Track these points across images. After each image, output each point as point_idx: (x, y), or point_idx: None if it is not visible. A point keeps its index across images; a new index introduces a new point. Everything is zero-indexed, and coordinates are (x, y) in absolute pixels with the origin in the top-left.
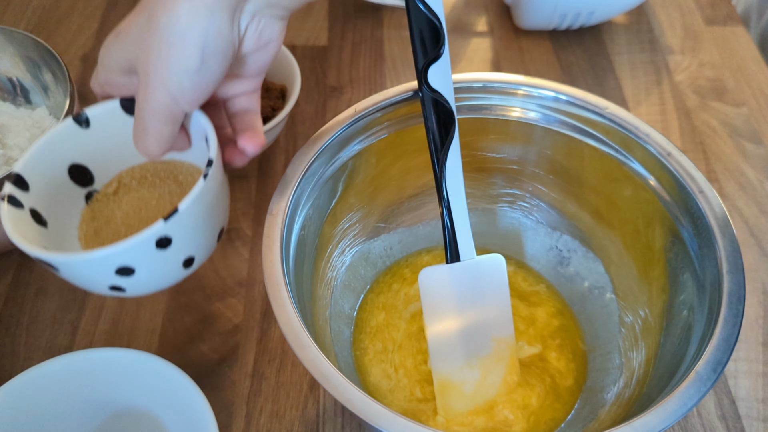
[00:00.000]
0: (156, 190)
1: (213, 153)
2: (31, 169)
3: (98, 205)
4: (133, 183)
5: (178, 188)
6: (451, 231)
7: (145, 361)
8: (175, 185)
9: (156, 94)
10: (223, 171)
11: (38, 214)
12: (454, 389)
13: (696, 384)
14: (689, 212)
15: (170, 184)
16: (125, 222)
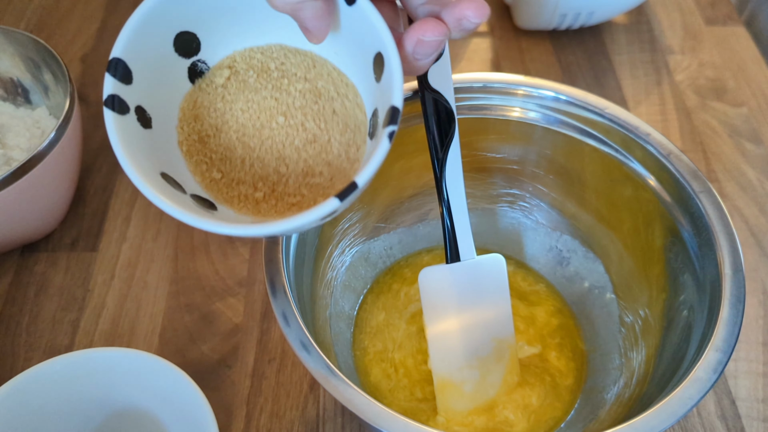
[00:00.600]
0: (283, 96)
1: (398, 95)
2: (135, 50)
3: (203, 98)
4: (250, 75)
5: (315, 103)
6: (451, 231)
7: (145, 361)
8: (312, 96)
9: None
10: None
11: (143, 111)
12: (454, 389)
13: (696, 384)
14: (689, 212)
15: (304, 90)
16: (241, 139)
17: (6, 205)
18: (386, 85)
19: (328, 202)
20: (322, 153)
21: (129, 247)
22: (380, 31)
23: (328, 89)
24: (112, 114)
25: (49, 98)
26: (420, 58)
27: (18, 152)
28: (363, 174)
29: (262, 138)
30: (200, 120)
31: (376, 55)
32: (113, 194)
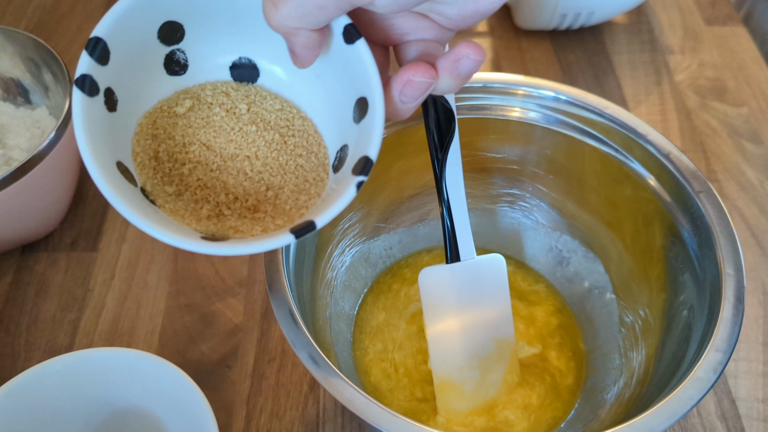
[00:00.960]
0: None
1: (375, 148)
2: (118, 32)
3: (162, 121)
4: (216, 111)
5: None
6: (451, 231)
7: (145, 361)
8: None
9: None
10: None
11: (112, 93)
12: (454, 389)
13: (696, 384)
14: (689, 212)
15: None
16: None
17: (6, 205)
18: (365, 131)
19: (283, 237)
20: (272, 195)
21: (129, 247)
22: (371, 77)
23: (294, 140)
24: (81, 95)
25: (49, 98)
26: (406, 101)
27: (18, 152)
28: (322, 217)
29: (216, 166)
30: (157, 140)
31: (360, 98)
32: None
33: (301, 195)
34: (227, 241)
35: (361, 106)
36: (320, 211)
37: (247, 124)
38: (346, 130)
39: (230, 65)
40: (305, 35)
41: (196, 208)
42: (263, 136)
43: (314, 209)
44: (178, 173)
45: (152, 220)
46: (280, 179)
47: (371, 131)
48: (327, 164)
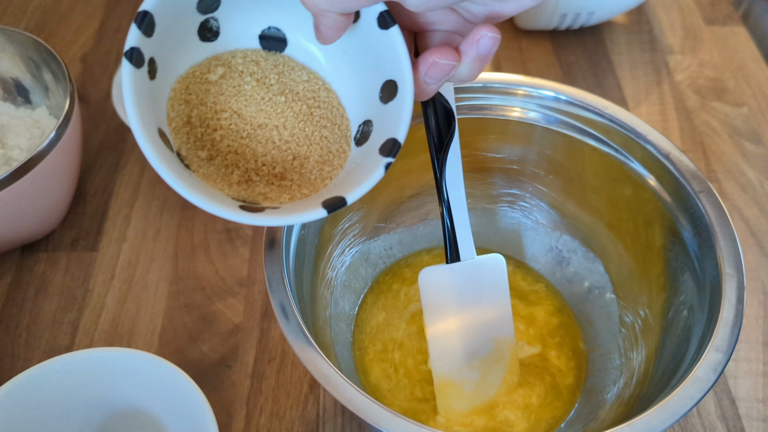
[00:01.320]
0: (274, 110)
1: (403, 131)
2: (164, 4)
3: (194, 87)
4: (247, 80)
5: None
6: (451, 231)
7: (145, 361)
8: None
9: None
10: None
11: (153, 62)
12: (454, 389)
13: (696, 384)
14: (689, 212)
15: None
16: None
17: (6, 205)
18: (394, 114)
19: (317, 211)
20: (298, 164)
21: (129, 247)
22: (403, 63)
23: (320, 111)
24: (130, 67)
25: (49, 98)
26: (430, 82)
27: (18, 152)
28: (353, 194)
29: (246, 134)
30: (189, 105)
31: (389, 80)
32: (113, 194)
33: (325, 166)
34: (263, 212)
35: (389, 88)
36: (348, 187)
37: (277, 95)
38: (371, 107)
39: (260, 34)
40: (333, 17)
41: (227, 173)
42: (291, 107)
43: (338, 182)
44: (210, 139)
45: (192, 188)
46: (306, 149)
47: (400, 114)
48: (349, 137)
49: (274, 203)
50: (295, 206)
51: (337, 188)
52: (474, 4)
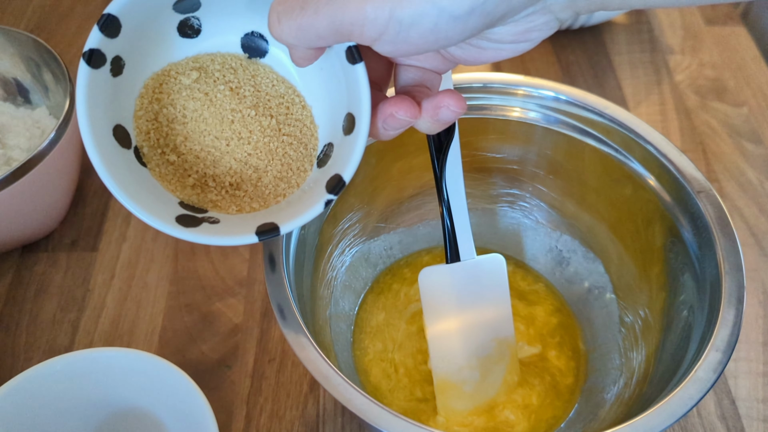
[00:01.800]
0: (245, 121)
1: (350, 171)
2: (133, 8)
3: (168, 86)
4: (220, 89)
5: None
6: (451, 231)
7: (145, 361)
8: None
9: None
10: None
11: (119, 60)
12: (454, 389)
13: (696, 384)
14: (689, 212)
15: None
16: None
17: (6, 205)
18: (346, 149)
19: (247, 237)
20: (255, 177)
21: (129, 247)
22: (363, 104)
23: (290, 129)
24: (86, 68)
25: (49, 98)
26: (387, 129)
27: (18, 152)
28: (287, 225)
29: (210, 141)
30: (159, 104)
31: (351, 113)
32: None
33: (282, 182)
34: (198, 226)
35: (350, 121)
36: (287, 216)
37: (248, 107)
38: (334, 131)
39: (242, 36)
40: (302, 50)
41: (183, 176)
42: (260, 121)
43: (291, 200)
44: (173, 140)
45: (133, 191)
46: (266, 164)
47: (351, 154)
48: (314, 156)
49: (221, 212)
50: (232, 224)
51: (281, 210)
52: (456, 49)
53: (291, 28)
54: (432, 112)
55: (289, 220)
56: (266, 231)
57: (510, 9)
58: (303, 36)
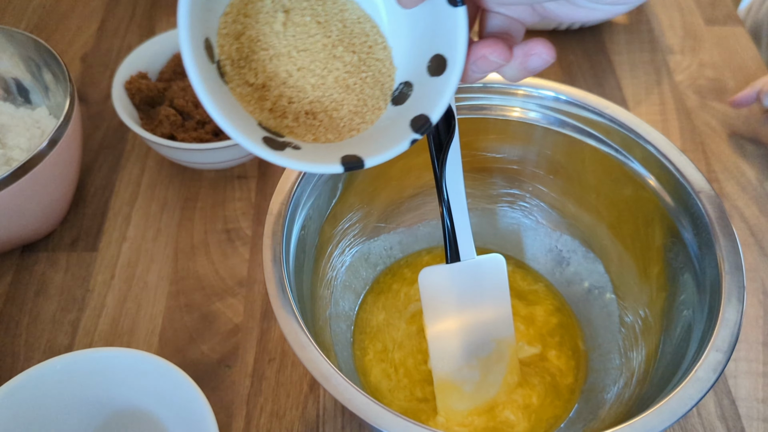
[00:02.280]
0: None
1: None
2: None
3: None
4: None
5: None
6: (451, 231)
7: (145, 361)
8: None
9: None
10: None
11: None
12: (454, 389)
13: (696, 384)
14: (689, 212)
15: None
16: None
17: (6, 205)
18: (435, 91)
19: (333, 166)
20: (331, 108)
21: (129, 247)
22: (460, 47)
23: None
24: None
25: (49, 98)
26: (476, 71)
27: (18, 152)
28: (372, 159)
29: (290, 67)
30: (243, 25)
31: (441, 55)
32: (113, 194)
33: (356, 117)
34: (283, 150)
35: (438, 63)
36: (370, 149)
37: (333, 42)
38: (416, 71)
39: None
40: None
41: (262, 98)
42: (343, 57)
43: (364, 136)
44: (255, 60)
45: (222, 107)
46: (343, 97)
47: (441, 95)
48: (388, 96)
49: (298, 139)
50: (315, 152)
51: (360, 144)
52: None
53: None
54: (522, 59)
55: (373, 155)
56: (351, 162)
57: None
58: None
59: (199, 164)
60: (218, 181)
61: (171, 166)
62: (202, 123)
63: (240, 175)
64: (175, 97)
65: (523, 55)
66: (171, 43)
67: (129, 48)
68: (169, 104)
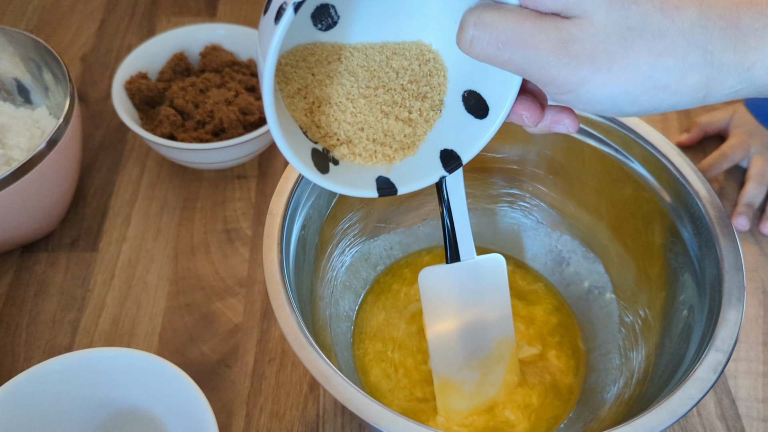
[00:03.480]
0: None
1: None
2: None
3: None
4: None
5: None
6: (451, 231)
7: (145, 361)
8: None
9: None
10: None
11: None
12: (454, 389)
13: (696, 384)
14: (689, 212)
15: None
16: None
17: (6, 205)
18: (468, 128)
19: (369, 191)
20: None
21: (129, 247)
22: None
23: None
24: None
25: (49, 98)
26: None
27: (18, 152)
28: (404, 188)
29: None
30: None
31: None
32: (113, 194)
33: (395, 145)
34: (327, 173)
35: (478, 103)
36: (403, 180)
37: (394, 86)
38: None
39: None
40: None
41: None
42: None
43: (398, 167)
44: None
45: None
46: (387, 128)
47: (476, 141)
48: (428, 130)
49: (341, 156)
50: (354, 174)
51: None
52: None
53: (479, 55)
54: (549, 123)
55: (405, 184)
56: (386, 189)
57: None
58: (488, 61)
59: (199, 164)
60: (218, 181)
61: (171, 166)
62: (202, 123)
63: (240, 175)
64: (175, 97)
65: (551, 121)
66: (171, 43)
67: (129, 48)
68: (169, 104)
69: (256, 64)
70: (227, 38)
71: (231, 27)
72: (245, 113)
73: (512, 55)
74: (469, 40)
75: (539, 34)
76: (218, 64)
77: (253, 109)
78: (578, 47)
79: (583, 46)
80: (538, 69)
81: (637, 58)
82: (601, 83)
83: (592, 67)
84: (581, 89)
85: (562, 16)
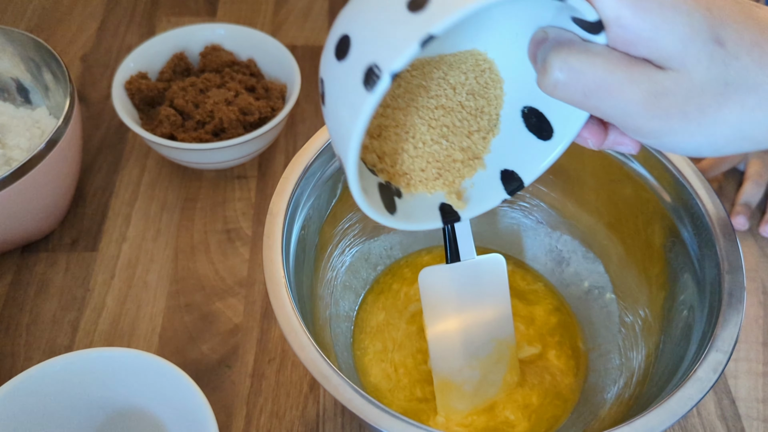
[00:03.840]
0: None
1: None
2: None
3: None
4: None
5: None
6: (451, 231)
7: (145, 361)
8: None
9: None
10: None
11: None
12: (455, 389)
13: (696, 384)
14: (689, 212)
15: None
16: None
17: (6, 205)
18: (529, 148)
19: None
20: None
21: (129, 247)
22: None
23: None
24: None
25: (49, 98)
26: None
27: (18, 152)
28: (468, 213)
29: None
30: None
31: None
32: (113, 194)
33: (458, 177)
34: (393, 214)
35: (541, 124)
36: (467, 208)
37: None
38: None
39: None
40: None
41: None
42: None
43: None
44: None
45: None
46: (446, 154)
47: (538, 162)
48: (486, 147)
49: (405, 186)
50: (418, 205)
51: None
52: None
53: (563, 98)
54: (611, 143)
55: (469, 210)
56: (449, 218)
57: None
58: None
59: (199, 164)
60: (218, 181)
61: (171, 166)
62: (202, 123)
63: (240, 175)
64: (175, 97)
65: (614, 142)
66: (171, 43)
67: (129, 48)
68: (169, 104)
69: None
70: (227, 38)
71: (231, 27)
72: (245, 113)
73: (599, 103)
74: (554, 83)
75: (630, 84)
76: (218, 64)
77: (252, 109)
78: (671, 101)
79: (677, 100)
80: (624, 117)
81: (729, 113)
82: (689, 135)
83: (682, 121)
84: (665, 138)
85: (655, 65)
